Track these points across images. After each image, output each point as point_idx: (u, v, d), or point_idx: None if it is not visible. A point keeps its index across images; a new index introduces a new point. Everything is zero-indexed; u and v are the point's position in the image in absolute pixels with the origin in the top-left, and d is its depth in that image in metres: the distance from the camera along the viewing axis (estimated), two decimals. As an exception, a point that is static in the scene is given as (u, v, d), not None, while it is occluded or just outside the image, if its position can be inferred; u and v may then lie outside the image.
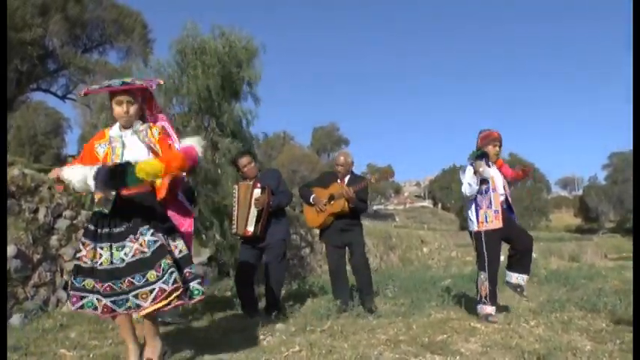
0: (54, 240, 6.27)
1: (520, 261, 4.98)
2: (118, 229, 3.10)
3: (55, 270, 6.11)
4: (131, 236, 3.06)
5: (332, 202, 5.51)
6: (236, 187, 5.60)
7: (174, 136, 3.37)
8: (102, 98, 8.97)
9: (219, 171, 8.89)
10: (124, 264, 3.02)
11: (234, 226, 5.49)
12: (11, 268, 5.48)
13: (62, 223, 6.47)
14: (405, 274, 11.41)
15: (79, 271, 3.11)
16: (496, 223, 4.78)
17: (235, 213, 5.47)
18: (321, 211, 5.57)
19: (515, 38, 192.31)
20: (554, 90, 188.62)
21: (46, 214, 6.28)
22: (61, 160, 23.29)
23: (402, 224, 50.79)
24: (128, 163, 2.95)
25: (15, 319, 5.20)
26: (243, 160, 5.59)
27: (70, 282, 3.15)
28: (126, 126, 3.27)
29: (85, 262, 3.09)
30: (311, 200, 5.64)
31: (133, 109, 3.23)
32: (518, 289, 4.96)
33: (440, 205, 78.02)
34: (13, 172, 6.20)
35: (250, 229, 5.36)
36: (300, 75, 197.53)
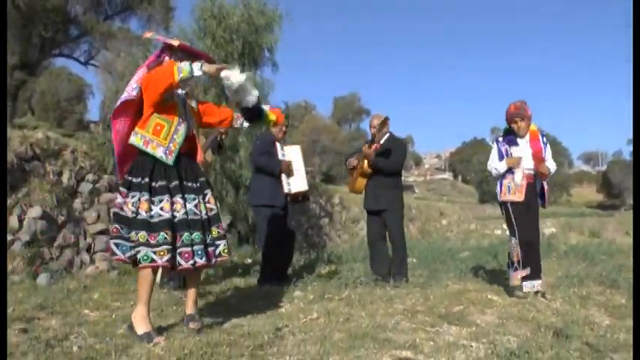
0: (77, 203, 6.40)
1: (524, 262, 4.63)
2: (189, 184, 3.30)
3: (79, 232, 6.24)
4: (199, 194, 3.33)
5: (360, 164, 5.38)
6: (299, 147, 5.74)
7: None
8: (123, 65, 8.98)
9: (240, 139, 8.90)
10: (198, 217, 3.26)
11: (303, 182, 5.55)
12: (37, 229, 5.61)
13: (85, 187, 6.59)
14: (424, 245, 11.42)
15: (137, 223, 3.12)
16: (518, 195, 4.65)
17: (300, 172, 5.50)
18: (352, 173, 5.49)
19: (541, 5, 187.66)
20: (579, 61, 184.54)
21: (70, 177, 6.40)
22: (84, 126, 23.55)
23: (422, 196, 50.61)
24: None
25: (42, 279, 5.35)
26: (285, 121, 5.55)
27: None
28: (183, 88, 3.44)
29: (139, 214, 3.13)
30: (347, 165, 5.57)
31: None
32: (539, 294, 4.58)
33: (460, 178, 77.49)
34: (37, 135, 6.30)
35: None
36: (323, 43, 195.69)
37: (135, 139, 3.23)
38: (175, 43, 3.39)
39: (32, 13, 17.61)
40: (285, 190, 5.35)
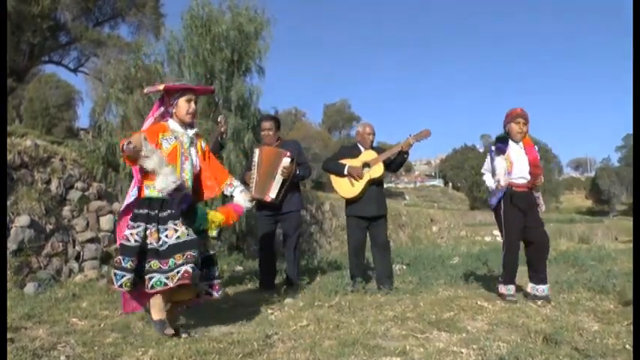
0: (66, 211, 6.34)
1: (532, 267, 4.68)
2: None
3: (68, 241, 6.19)
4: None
5: (368, 169, 5.30)
6: (257, 150, 5.44)
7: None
8: (113, 72, 8.93)
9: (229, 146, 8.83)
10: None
11: (251, 189, 5.18)
12: (25, 238, 5.56)
13: (74, 195, 6.53)
14: (414, 252, 11.41)
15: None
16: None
17: (255, 176, 5.29)
18: (358, 180, 5.29)
19: (532, 15, 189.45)
20: (569, 69, 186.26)
21: (58, 186, 6.34)
22: (74, 133, 23.41)
23: (412, 203, 50.72)
24: (199, 207, 3.62)
25: (29, 288, 5.30)
26: (266, 124, 5.57)
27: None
28: (190, 123, 3.59)
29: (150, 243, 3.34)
30: (345, 171, 5.34)
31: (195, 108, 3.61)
32: (541, 302, 4.48)
33: (450, 185, 77.73)
34: (25, 143, 6.25)
35: (272, 195, 5.29)
36: (311, 51, 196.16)
37: (149, 192, 3.40)
38: (160, 87, 3.56)
39: (21, 20, 17.52)
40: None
